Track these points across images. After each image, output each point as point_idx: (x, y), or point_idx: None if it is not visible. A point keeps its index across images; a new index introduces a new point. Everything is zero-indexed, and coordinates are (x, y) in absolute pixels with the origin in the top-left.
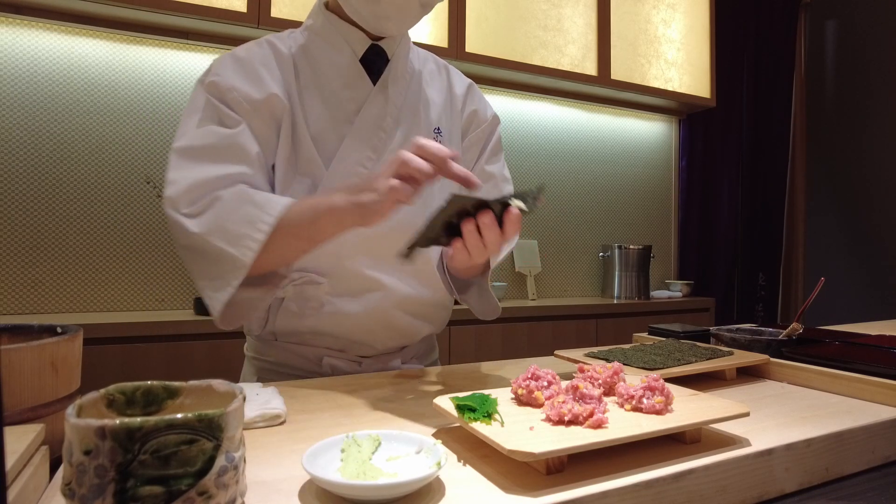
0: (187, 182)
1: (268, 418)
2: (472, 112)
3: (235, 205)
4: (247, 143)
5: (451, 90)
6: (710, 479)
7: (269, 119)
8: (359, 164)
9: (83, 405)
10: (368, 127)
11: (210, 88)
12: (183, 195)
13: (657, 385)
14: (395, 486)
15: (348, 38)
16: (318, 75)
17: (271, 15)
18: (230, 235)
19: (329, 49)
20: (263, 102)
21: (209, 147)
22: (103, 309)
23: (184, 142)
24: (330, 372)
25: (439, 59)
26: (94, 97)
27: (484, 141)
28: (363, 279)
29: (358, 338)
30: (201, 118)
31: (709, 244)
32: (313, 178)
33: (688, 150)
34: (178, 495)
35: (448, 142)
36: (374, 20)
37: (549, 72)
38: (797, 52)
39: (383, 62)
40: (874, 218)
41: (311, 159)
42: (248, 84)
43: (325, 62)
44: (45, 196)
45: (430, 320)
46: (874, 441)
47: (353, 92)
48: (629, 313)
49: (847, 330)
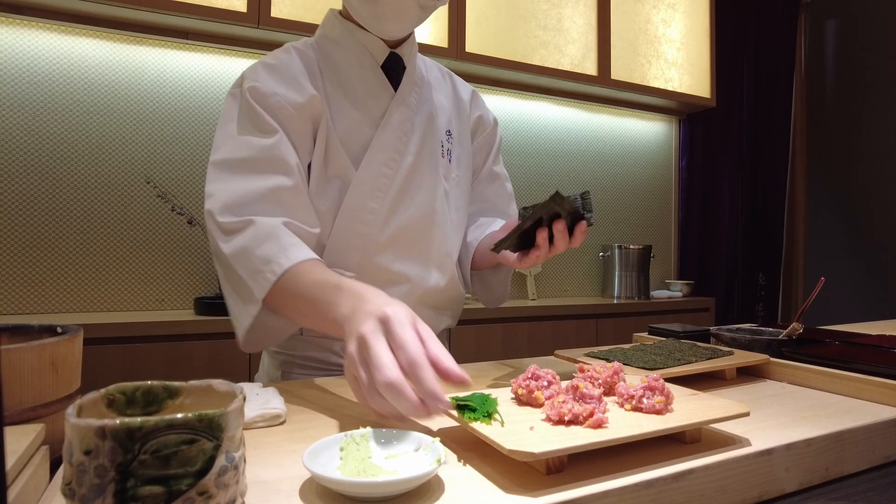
0: (225, 195)
1: (268, 418)
2: (478, 117)
3: (263, 237)
4: (286, 154)
5: (458, 96)
6: (710, 479)
7: (309, 122)
8: (384, 165)
9: (83, 405)
10: (392, 131)
11: (252, 94)
12: (221, 209)
13: (657, 385)
14: (396, 483)
15: (369, 46)
16: (343, 82)
17: (271, 15)
18: (251, 267)
19: (350, 56)
20: (305, 105)
21: (248, 159)
22: (103, 309)
23: (221, 154)
24: None
25: (442, 67)
26: (94, 97)
27: (490, 145)
28: (389, 273)
29: None
30: (238, 127)
31: (709, 244)
32: (343, 179)
33: (688, 150)
34: (179, 495)
35: (458, 144)
36: (373, 21)
37: (549, 72)
38: (797, 52)
39: (401, 69)
40: (874, 218)
41: (341, 161)
42: (288, 89)
43: (349, 69)
44: (45, 196)
45: (449, 313)
46: (874, 441)
47: (376, 98)
48: (629, 313)
49: (847, 330)
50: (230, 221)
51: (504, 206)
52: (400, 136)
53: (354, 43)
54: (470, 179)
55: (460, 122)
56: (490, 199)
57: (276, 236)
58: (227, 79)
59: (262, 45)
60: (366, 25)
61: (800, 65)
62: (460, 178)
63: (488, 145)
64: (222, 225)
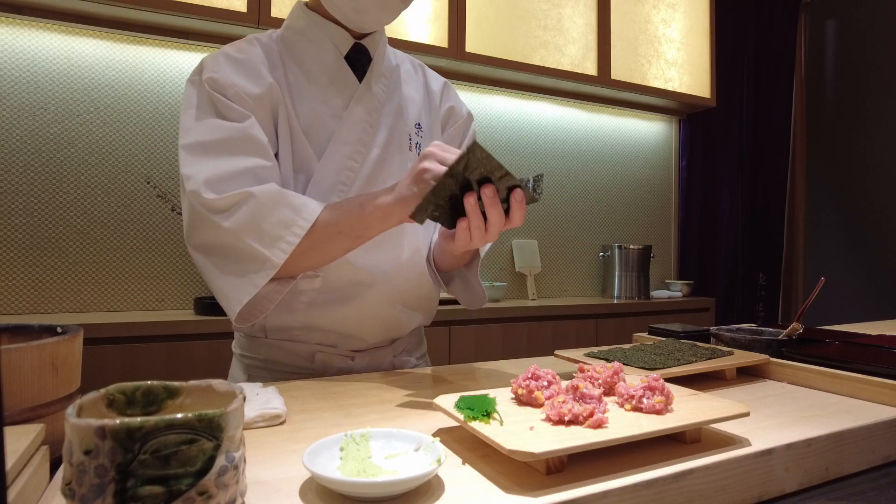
0: (206, 174)
1: (268, 418)
2: (449, 108)
3: (271, 205)
4: (259, 135)
5: (429, 87)
6: (710, 479)
7: (270, 113)
8: (348, 158)
9: (83, 405)
10: (356, 122)
11: (211, 84)
12: (205, 188)
13: (657, 385)
14: (396, 483)
15: (332, 37)
16: (306, 73)
17: (271, 15)
18: (265, 236)
19: (314, 48)
20: (263, 95)
21: (223, 140)
22: (103, 309)
23: (192, 137)
24: (322, 368)
25: (415, 60)
26: (94, 97)
27: (461, 136)
28: (355, 271)
29: (349, 331)
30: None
31: (709, 244)
32: (307, 174)
33: (688, 150)
34: (178, 495)
35: (428, 137)
36: (353, 14)
37: (549, 72)
38: (797, 52)
39: (366, 60)
40: (874, 218)
41: (304, 154)
42: (246, 80)
43: (311, 60)
44: (45, 196)
45: (419, 311)
46: (874, 441)
47: (339, 89)
48: (629, 313)
49: (847, 330)
50: (220, 198)
51: None
52: (365, 128)
53: (318, 34)
54: None
55: (431, 115)
56: None
57: (284, 201)
58: None
59: None
60: (345, 20)
61: (800, 65)
62: None
63: (458, 137)
64: (212, 203)
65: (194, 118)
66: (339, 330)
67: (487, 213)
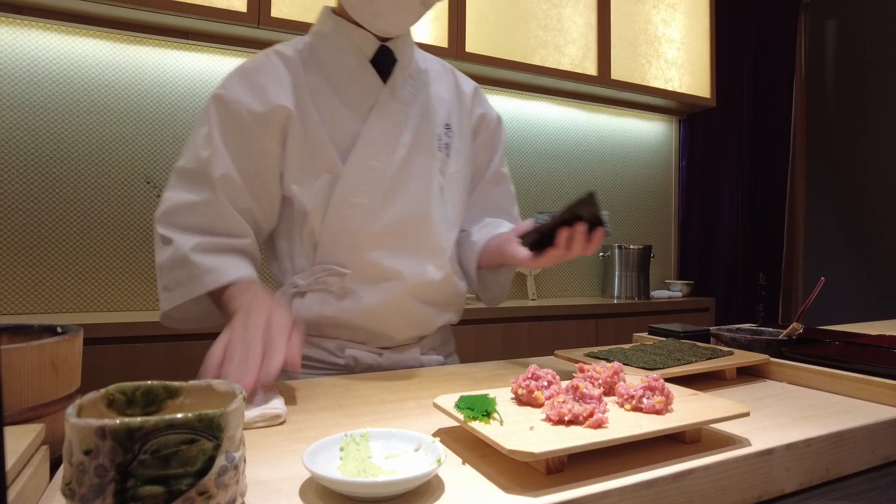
0: (165, 205)
1: (268, 418)
2: (480, 115)
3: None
4: (214, 169)
5: (460, 89)
6: (710, 479)
7: (274, 129)
8: (373, 159)
9: (83, 405)
10: (381, 124)
11: (217, 100)
12: (160, 217)
13: (657, 385)
14: (396, 483)
15: (357, 40)
16: (330, 76)
17: (271, 15)
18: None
19: (339, 51)
20: (264, 115)
21: (188, 171)
22: (103, 309)
23: (180, 161)
24: (352, 364)
25: (444, 63)
26: (94, 97)
27: (496, 144)
28: (381, 269)
29: (377, 329)
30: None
31: (709, 244)
32: (332, 174)
33: (688, 150)
34: (179, 495)
35: (457, 138)
36: (371, 17)
37: (549, 72)
38: (797, 52)
39: (392, 62)
40: (874, 218)
41: (328, 157)
42: (251, 97)
43: (336, 64)
44: (45, 196)
45: (446, 309)
46: (874, 441)
47: (364, 91)
48: (629, 313)
49: (847, 330)
50: (160, 233)
51: (508, 207)
52: (391, 129)
53: (343, 38)
54: (468, 175)
55: (461, 117)
56: (494, 201)
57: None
58: None
59: (262, 45)
60: (363, 22)
61: (800, 65)
62: (458, 173)
63: (493, 144)
64: (157, 232)
65: (191, 139)
66: (368, 327)
67: (573, 246)
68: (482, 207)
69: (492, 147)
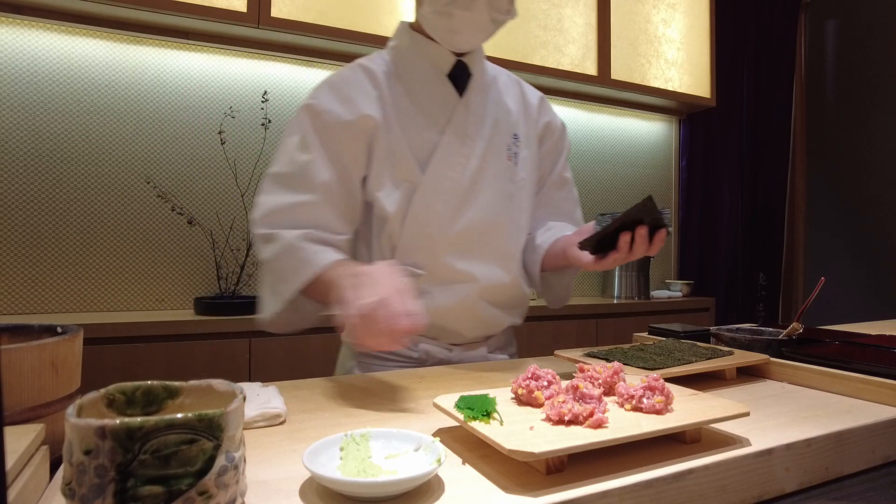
0: (265, 207)
1: (268, 418)
2: (546, 123)
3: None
4: (316, 173)
5: (526, 100)
6: (710, 479)
7: (362, 137)
8: (450, 169)
9: (83, 405)
10: (457, 135)
11: (308, 110)
12: (260, 219)
13: (657, 385)
14: (396, 483)
15: (434, 56)
16: (410, 90)
17: (271, 15)
18: (276, 277)
19: (418, 66)
20: (353, 123)
21: (286, 175)
22: (103, 309)
23: (273, 168)
24: (425, 357)
25: (511, 73)
26: (94, 97)
27: (560, 150)
28: (454, 272)
29: (449, 326)
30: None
31: (709, 244)
32: (411, 182)
33: (688, 149)
34: (179, 495)
35: (525, 147)
36: (447, 35)
37: (549, 72)
38: (797, 52)
39: (467, 76)
40: (874, 218)
41: (409, 166)
42: (341, 106)
43: (416, 78)
44: (45, 196)
45: (511, 311)
46: (874, 441)
47: (442, 104)
48: (629, 313)
49: (847, 330)
50: (262, 233)
51: (571, 211)
52: (465, 141)
53: (421, 53)
54: (535, 182)
55: (528, 126)
56: (557, 204)
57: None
58: (228, 79)
59: (262, 45)
60: (439, 39)
61: (800, 65)
62: (525, 181)
63: (557, 151)
64: (257, 234)
65: (283, 147)
66: (440, 324)
67: (636, 249)
68: (546, 211)
69: (556, 153)
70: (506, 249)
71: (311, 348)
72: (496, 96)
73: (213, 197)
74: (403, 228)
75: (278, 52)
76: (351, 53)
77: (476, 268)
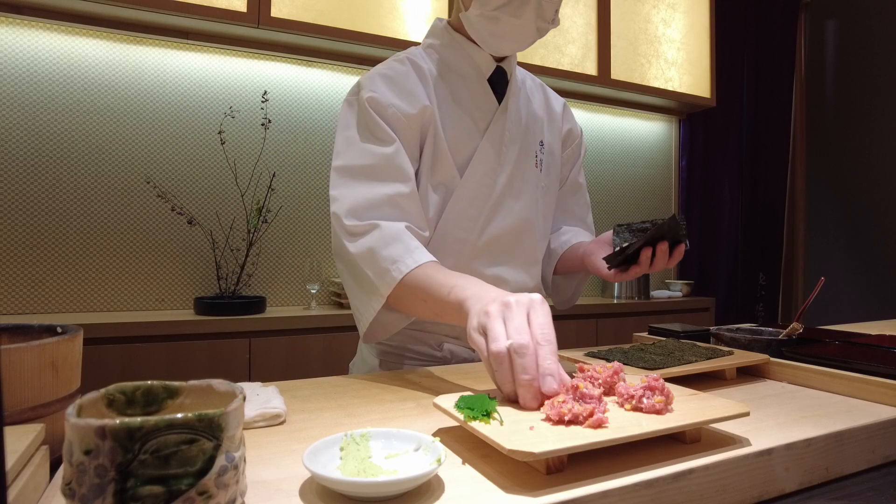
0: (349, 200)
1: (268, 418)
2: (568, 130)
3: (388, 240)
4: (403, 163)
5: (550, 107)
6: (710, 479)
7: (419, 132)
8: (486, 175)
9: (83, 405)
10: (495, 140)
11: (371, 104)
12: (346, 213)
13: (657, 385)
14: (396, 483)
15: (477, 59)
16: (453, 92)
17: (271, 15)
18: (377, 267)
19: (460, 67)
20: (416, 116)
21: (369, 167)
22: (103, 309)
23: (343, 160)
24: (449, 357)
25: (535, 77)
26: (94, 97)
27: (577, 156)
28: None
29: None
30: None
31: (709, 244)
32: (447, 186)
33: (688, 149)
34: (179, 495)
35: (549, 155)
36: (491, 39)
37: (549, 72)
38: (797, 52)
39: (504, 81)
40: (874, 218)
41: (447, 169)
42: (402, 100)
43: (458, 80)
44: (45, 196)
45: None
46: (874, 441)
47: (482, 108)
48: (629, 313)
49: (847, 330)
50: (355, 224)
51: (583, 215)
52: (501, 147)
53: (463, 55)
54: (557, 188)
55: (552, 133)
56: (571, 209)
57: (400, 239)
58: (228, 79)
59: (262, 45)
60: (482, 43)
61: (800, 65)
62: (548, 187)
63: (574, 156)
64: (348, 227)
65: (347, 141)
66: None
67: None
68: (560, 215)
69: (573, 159)
70: (531, 255)
71: (312, 348)
72: (526, 102)
73: (213, 197)
74: (437, 230)
75: (278, 52)
76: (351, 53)
77: (503, 273)
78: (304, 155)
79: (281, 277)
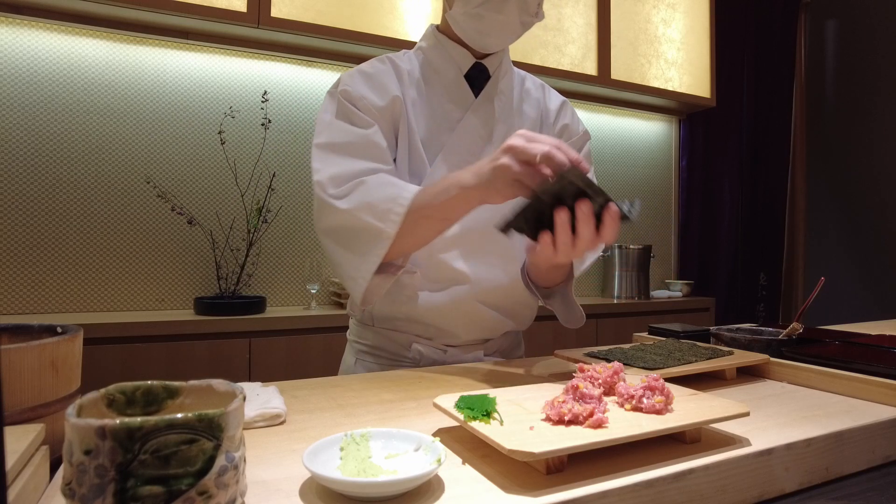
0: (332, 170)
1: (268, 418)
2: (563, 126)
3: (379, 186)
4: (380, 142)
5: (545, 105)
6: (710, 479)
7: (391, 122)
8: (456, 167)
9: (83, 405)
10: (467, 134)
11: (344, 95)
12: (329, 180)
13: (657, 385)
14: (396, 483)
15: (455, 56)
16: (428, 88)
17: (271, 15)
18: (376, 210)
19: (438, 66)
20: (386, 108)
21: (349, 144)
22: (103, 309)
23: (324, 138)
24: (418, 357)
25: (536, 79)
26: (94, 97)
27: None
28: (451, 272)
29: (443, 326)
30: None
31: (709, 244)
32: (420, 178)
33: (688, 149)
34: (179, 495)
35: None
36: (477, 36)
37: (549, 72)
38: (797, 52)
39: (485, 78)
40: (875, 218)
41: (420, 162)
42: (374, 93)
43: (434, 77)
44: (45, 196)
45: (513, 317)
46: (874, 441)
47: (456, 104)
48: (629, 313)
49: (847, 330)
50: (340, 189)
51: None
52: (475, 140)
53: (442, 53)
54: None
55: (543, 132)
56: None
57: (389, 182)
58: (227, 79)
59: (262, 45)
60: (468, 40)
61: (800, 65)
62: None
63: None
64: (333, 193)
65: (328, 123)
66: (435, 324)
67: (578, 229)
68: None
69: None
70: (507, 251)
71: (311, 348)
72: (518, 100)
73: (213, 197)
74: None
75: (278, 52)
76: (351, 53)
77: (472, 269)
78: (304, 155)
79: (281, 277)
